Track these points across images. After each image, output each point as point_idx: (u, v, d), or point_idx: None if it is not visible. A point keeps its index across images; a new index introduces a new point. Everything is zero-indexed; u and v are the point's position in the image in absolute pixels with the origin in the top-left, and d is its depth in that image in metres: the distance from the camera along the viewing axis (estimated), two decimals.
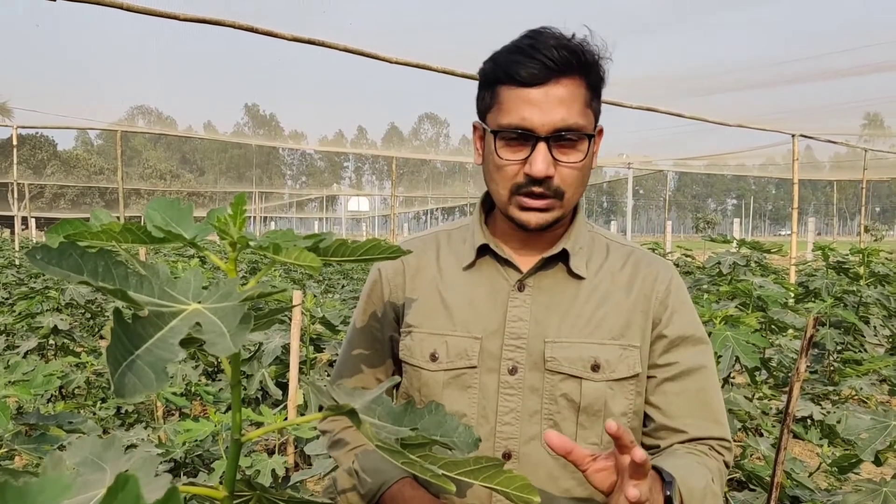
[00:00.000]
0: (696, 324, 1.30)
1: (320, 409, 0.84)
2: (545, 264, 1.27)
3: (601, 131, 1.26)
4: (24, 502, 0.33)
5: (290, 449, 3.27)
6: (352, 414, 0.73)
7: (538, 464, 1.22)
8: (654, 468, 1.10)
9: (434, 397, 1.26)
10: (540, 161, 1.15)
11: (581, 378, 1.21)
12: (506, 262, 1.28)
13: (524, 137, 1.17)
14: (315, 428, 2.75)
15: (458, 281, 1.30)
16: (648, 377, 1.28)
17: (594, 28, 1.21)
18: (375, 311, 1.38)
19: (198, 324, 0.62)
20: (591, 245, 1.31)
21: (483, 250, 1.30)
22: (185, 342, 0.61)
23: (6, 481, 0.32)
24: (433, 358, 1.27)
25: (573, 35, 1.18)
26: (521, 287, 1.26)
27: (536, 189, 1.18)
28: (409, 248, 1.36)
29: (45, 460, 0.68)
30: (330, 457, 2.24)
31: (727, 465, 1.27)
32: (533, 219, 1.21)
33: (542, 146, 1.16)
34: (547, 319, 1.24)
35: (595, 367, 1.21)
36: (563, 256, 1.27)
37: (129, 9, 4.56)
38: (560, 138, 1.16)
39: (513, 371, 1.23)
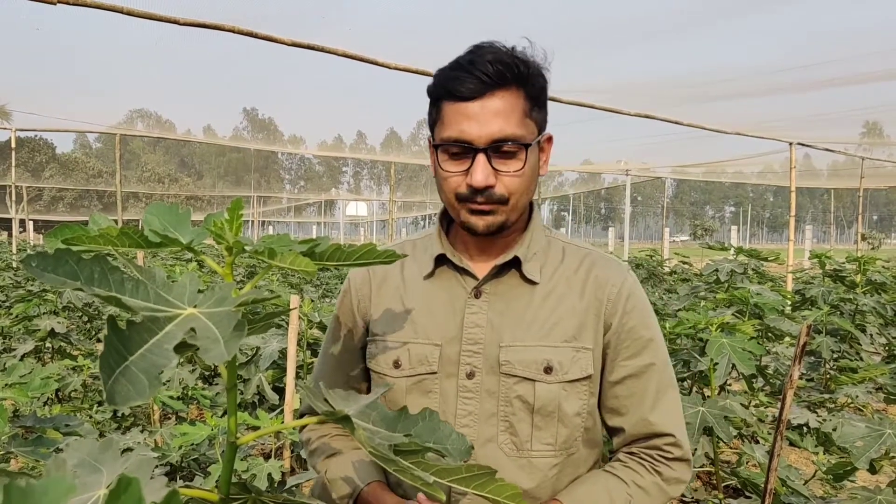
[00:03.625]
0: (647, 325, 1.33)
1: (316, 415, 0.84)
2: (500, 271, 1.31)
3: (550, 139, 1.31)
4: (28, 503, 0.34)
5: (287, 453, 3.27)
6: (346, 420, 0.73)
7: (494, 465, 1.23)
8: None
9: (398, 402, 1.30)
10: (479, 172, 1.20)
11: (534, 380, 1.25)
12: (463, 271, 1.33)
13: (465, 150, 1.21)
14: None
15: (419, 290, 1.35)
16: (600, 379, 1.33)
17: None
18: (346, 321, 1.43)
19: (192, 329, 0.62)
20: (546, 249, 1.35)
21: (441, 260, 1.34)
22: (180, 347, 0.61)
23: (11, 483, 0.33)
24: (396, 365, 1.31)
25: (513, 48, 1.23)
26: (477, 294, 1.31)
27: (479, 199, 1.22)
28: None
29: (48, 462, 0.68)
30: None
31: (672, 470, 1.30)
32: (480, 222, 1.25)
33: (480, 157, 1.20)
34: (502, 325, 1.28)
35: (548, 370, 1.25)
36: (517, 263, 1.31)
37: (129, 13, 4.57)
38: (498, 149, 1.20)
39: (470, 375, 1.27)
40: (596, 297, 1.31)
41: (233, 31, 5.15)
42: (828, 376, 4.80)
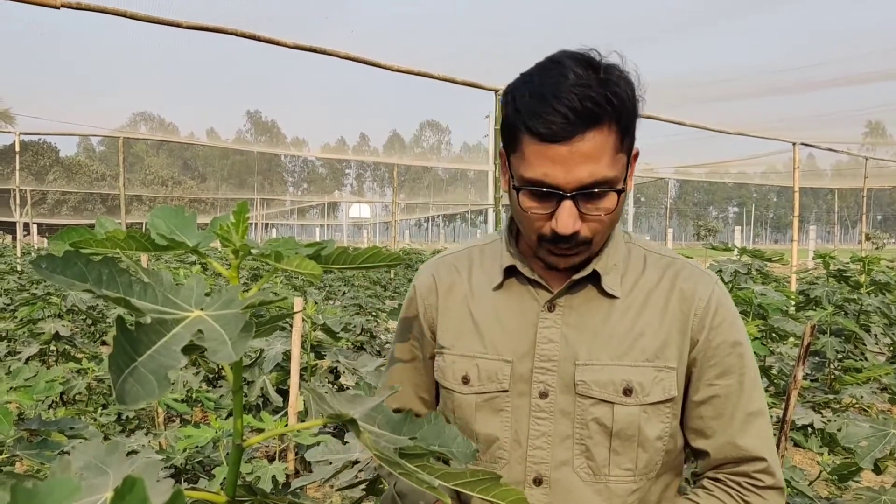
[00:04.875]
0: (736, 341, 1.22)
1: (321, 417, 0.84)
2: (576, 283, 1.22)
3: (636, 155, 1.19)
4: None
5: (291, 455, 3.27)
6: (351, 423, 0.74)
7: (570, 489, 1.19)
8: None
9: (467, 420, 1.25)
10: (565, 218, 1.10)
11: (613, 403, 1.16)
12: (535, 283, 1.24)
13: (549, 192, 1.10)
14: (315, 435, 2.76)
15: (488, 301, 1.27)
16: (684, 398, 1.23)
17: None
18: (413, 330, 1.35)
19: (200, 331, 0.63)
20: (626, 259, 1.25)
21: (511, 271, 1.26)
22: (188, 349, 0.61)
23: (17, 484, 0.33)
24: (465, 381, 1.24)
25: (598, 67, 1.09)
26: (551, 307, 1.22)
27: (563, 245, 1.13)
28: (443, 265, 1.35)
29: (53, 464, 0.69)
30: (330, 463, 2.25)
31: (764, 500, 1.19)
32: (562, 263, 1.17)
33: (566, 204, 1.09)
34: (578, 340, 1.20)
35: (627, 391, 1.17)
36: (595, 276, 1.21)
37: (132, 17, 4.58)
38: (586, 194, 1.10)
39: (543, 395, 1.20)
40: (681, 311, 1.21)
41: (235, 34, 5.16)
42: (832, 377, 4.79)
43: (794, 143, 10.53)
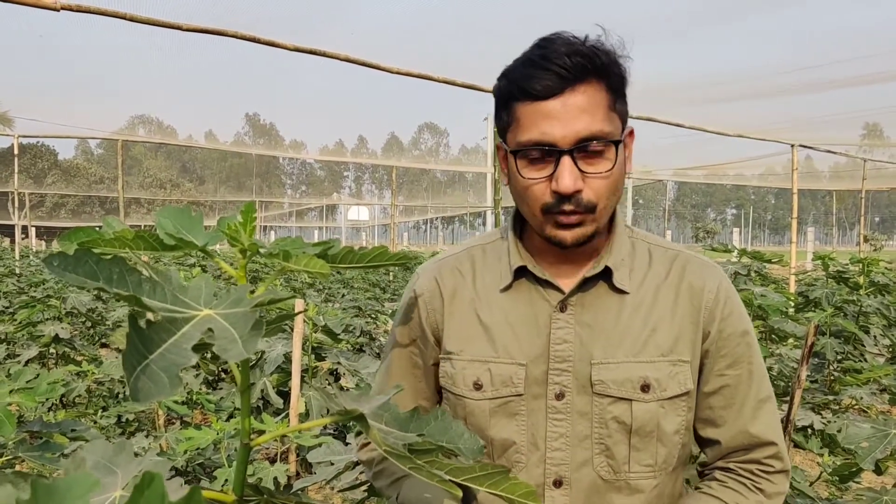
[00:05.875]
0: (744, 331, 1.23)
1: (325, 414, 0.84)
2: (586, 281, 1.21)
3: (632, 132, 1.20)
4: (54, 499, 0.34)
5: (292, 457, 3.27)
6: (361, 419, 0.74)
7: (592, 489, 1.18)
8: None
9: (481, 426, 1.22)
10: (566, 176, 1.09)
11: (631, 400, 1.17)
12: (546, 283, 1.22)
13: (547, 153, 1.11)
14: (317, 436, 2.76)
15: (496, 303, 1.24)
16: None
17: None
18: (413, 336, 1.32)
19: (210, 329, 0.63)
20: (632, 254, 1.25)
21: (520, 272, 1.24)
22: (198, 347, 0.62)
23: (36, 480, 0.34)
24: (477, 386, 1.22)
25: (586, 37, 1.12)
26: (562, 307, 1.20)
27: (567, 207, 1.12)
28: (445, 268, 1.31)
29: (66, 462, 0.69)
30: (332, 464, 2.25)
31: (774, 484, 1.21)
32: (569, 236, 1.15)
33: (566, 160, 1.09)
34: (592, 339, 1.19)
35: (645, 388, 1.17)
36: (607, 272, 1.21)
37: (132, 19, 4.58)
38: (585, 149, 1.10)
39: (560, 396, 1.19)
40: (692, 304, 1.21)
41: (235, 37, 5.16)
42: (832, 378, 4.79)
43: (792, 145, 10.55)
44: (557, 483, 1.19)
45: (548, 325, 1.20)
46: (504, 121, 1.18)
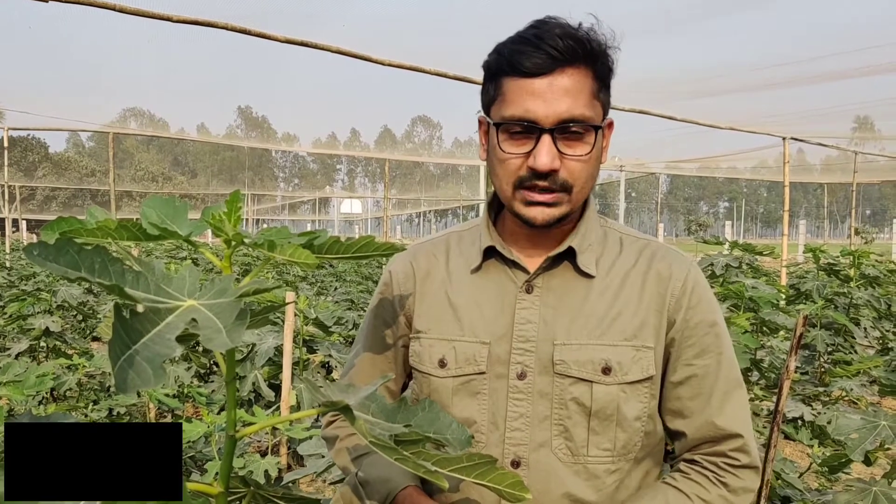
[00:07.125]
0: (713, 321, 1.23)
1: (316, 406, 0.84)
2: (552, 263, 1.23)
3: (611, 124, 1.23)
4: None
5: (283, 450, 3.27)
6: (346, 410, 0.73)
7: (549, 471, 1.18)
8: None
9: (444, 404, 1.23)
10: (544, 154, 1.11)
11: (592, 381, 1.17)
12: (513, 264, 1.24)
13: (528, 130, 1.13)
14: (308, 429, 2.76)
15: (465, 284, 1.27)
16: (662, 379, 1.23)
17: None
18: (386, 317, 1.35)
19: (194, 320, 0.63)
20: (602, 241, 1.26)
21: (490, 252, 1.26)
22: (183, 338, 0.61)
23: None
24: (442, 364, 1.24)
25: (579, 25, 1.14)
26: (528, 288, 1.22)
27: (541, 183, 1.14)
28: (420, 251, 1.35)
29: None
30: (323, 457, 2.25)
31: (739, 479, 1.19)
32: (539, 215, 1.16)
33: (546, 138, 1.12)
34: (556, 321, 1.20)
35: (606, 370, 1.17)
36: (571, 254, 1.22)
37: (121, 10, 4.55)
38: (565, 130, 1.12)
39: (522, 376, 1.19)
40: (658, 292, 1.21)
41: (226, 28, 5.14)
42: (822, 369, 4.82)
43: (784, 138, 10.58)
44: (515, 463, 1.20)
45: (513, 305, 1.22)
46: (490, 94, 1.19)
